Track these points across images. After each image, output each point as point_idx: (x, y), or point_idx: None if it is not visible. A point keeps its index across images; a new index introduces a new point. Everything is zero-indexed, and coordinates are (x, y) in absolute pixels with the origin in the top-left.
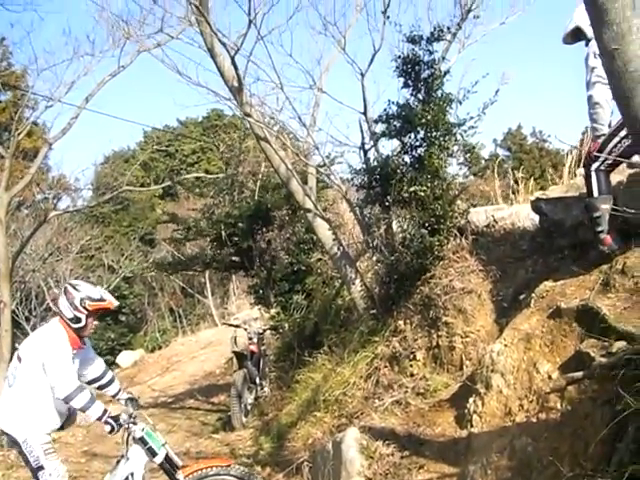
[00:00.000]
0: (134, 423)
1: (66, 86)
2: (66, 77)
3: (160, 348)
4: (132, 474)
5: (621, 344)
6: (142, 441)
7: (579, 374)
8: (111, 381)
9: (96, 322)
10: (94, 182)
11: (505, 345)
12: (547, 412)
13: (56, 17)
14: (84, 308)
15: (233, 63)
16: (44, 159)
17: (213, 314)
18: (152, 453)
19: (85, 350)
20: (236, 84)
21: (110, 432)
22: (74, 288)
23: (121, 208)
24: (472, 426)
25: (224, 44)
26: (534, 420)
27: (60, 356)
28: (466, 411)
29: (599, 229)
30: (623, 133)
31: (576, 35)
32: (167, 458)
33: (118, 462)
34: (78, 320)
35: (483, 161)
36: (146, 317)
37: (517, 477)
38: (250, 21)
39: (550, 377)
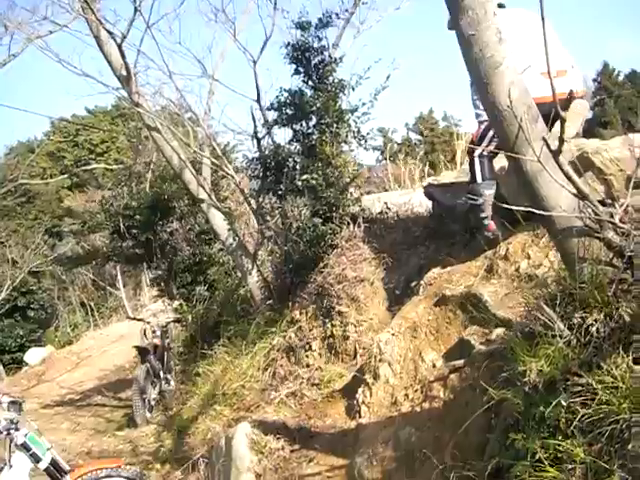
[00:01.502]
0: (16, 429)
1: None
2: None
3: (71, 343)
4: None
5: (500, 331)
6: (25, 447)
7: (460, 362)
8: None
9: None
10: None
11: (393, 334)
12: (431, 401)
13: None
14: None
15: (120, 51)
16: None
17: (126, 306)
18: (36, 459)
19: None
20: (124, 73)
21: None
22: None
23: (26, 201)
24: (360, 417)
25: (110, 32)
26: (418, 410)
27: None
28: (355, 402)
29: (483, 215)
30: None
31: None
32: (53, 462)
33: (0, 470)
34: None
35: (395, 145)
36: (56, 312)
37: (402, 468)
38: (135, 8)
39: (435, 366)
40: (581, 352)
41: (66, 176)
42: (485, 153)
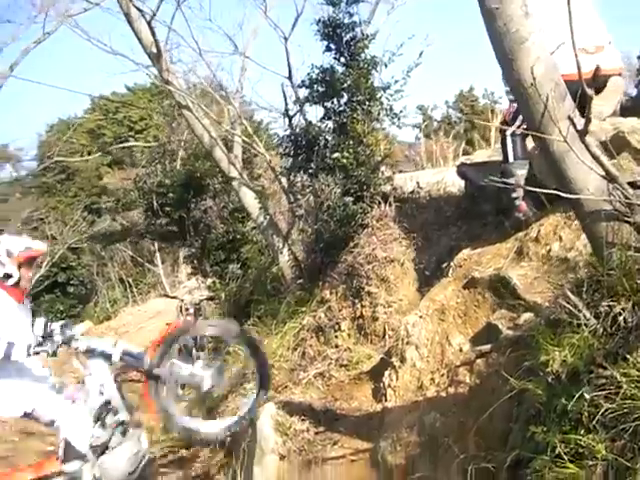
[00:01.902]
0: (74, 339)
1: None
2: None
3: (110, 319)
4: (102, 385)
5: (528, 316)
6: (91, 350)
7: (487, 347)
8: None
9: (31, 272)
10: (38, 151)
11: (420, 317)
12: (456, 386)
13: None
14: (13, 262)
15: (150, 28)
16: None
17: (163, 283)
18: (107, 356)
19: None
20: (155, 50)
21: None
22: None
23: (66, 178)
24: (386, 400)
25: (140, 9)
26: (444, 394)
27: (4, 313)
28: (381, 385)
29: (514, 195)
30: None
31: None
32: (125, 352)
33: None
34: (10, 276)
35: (435, 123)
36: (96, 288)
37: (425, 454)
38: None
39: (461, 350)
40: (607, 342)
41: (100, 154)
42: (518, 132)
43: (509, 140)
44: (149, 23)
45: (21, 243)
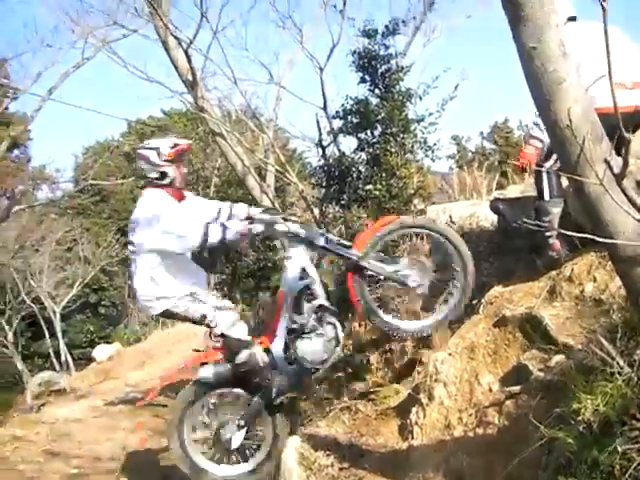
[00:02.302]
0: (278, 222)
1: (32, 78)
2: (32, 69)
3: (139, 341)
4: (303, 270)
5: (559, 358)
6: (295, 235)
7: (517, 388)
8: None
9: (185, 169)
10: (75, 173)
11: (450, 354)
12: (485, 427)
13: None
14: (165, 160)
15: (187, 56)
16: (24, 149)
17: None
18: (310, 242)
19: (189, 201)
20: (190, 78)
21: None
22: (144, 148)
23: (100, 199)
24: (413, 438)
25: (177, 37)
26: (471, 435)
27: (169, 211)
28: (408, 421)
29: (548, 234)
30: None
31: None
32: (328, 240)
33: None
34: (165, 174)
35: (470, 153)
36: (127, 309)
37: None
38: (202, 14)
39: (491, 390)
40: None
41: (132, 179)
42: (555, 167)
43: (545, 177)
44: (186, 51)
45: (167, 142)
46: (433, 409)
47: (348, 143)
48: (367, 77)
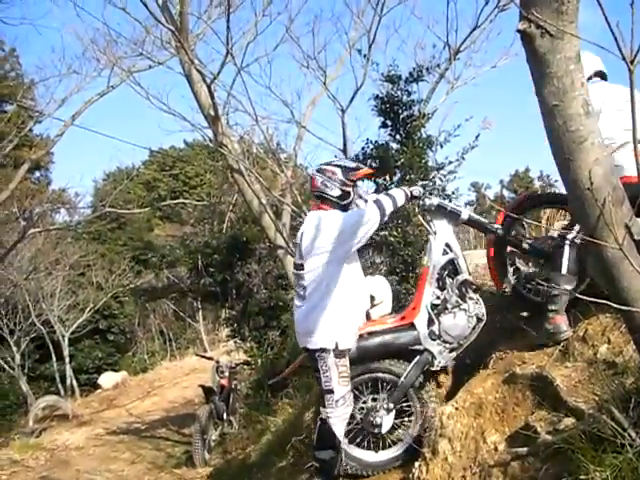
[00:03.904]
0: (427, 196)
1: (57, 102)
2: (57, 94)
3: (146, 370)
4: (447, 244)
5: (569, 422)
6: (441, 208)
7: (524, 450)
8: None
9: (356, 196)
10: (94, 198)
11: (456, 408)
12: None
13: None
14: (350, 180)
15: (210, 92)
16: (45, 171)
17: (203, 339)
18: (455, 216)
19: None
20: (212, 113)
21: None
22: (331, 165)
23: (117, 226)
24: None
25: (201, 72)
26: None
27: (355, 219)
28: (411, 476)
29: (552, 307)
30: None
31: None
32: (474, 215)
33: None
34: (347, 195)
35: (488, 201)
36: (135, 338)
37: None
38: (228, 51)
39: (496, 449)
40: None
41: (148, 209)
42: (578, 240)
43: (567, 248)
44: (209, 86)
45: (352, 162)
46: (437, 464)
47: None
48: (388, 122)
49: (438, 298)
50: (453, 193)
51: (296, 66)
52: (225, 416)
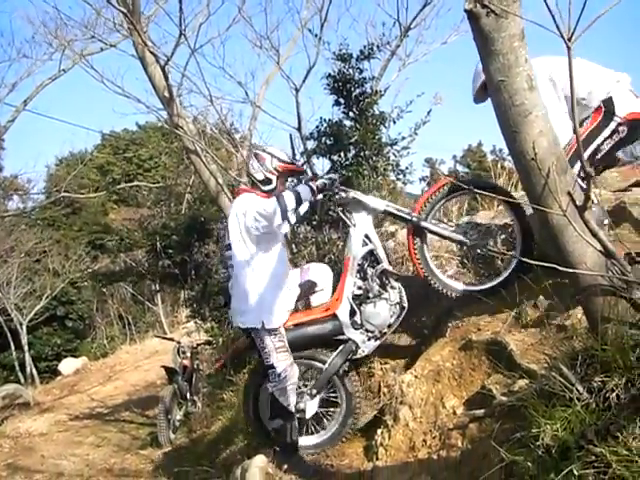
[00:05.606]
0: (344, 190)
1: (7, 87)
2: (7, 79)
3: (106, 355)
4: (367, 236)
5: (523, 383)
6: (357, 202)
7: (480, 412)
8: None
9: (283, 189)
10: (47, 184)
11: (415, 376)
12: (448, 449)
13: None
14: (275, 170)
15: (164, 73)
16: None
17: (163, 322)
18: (372, 208)
19: None
20: (167, 94)
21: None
22: (264, 152)
23: (72, 212)
24: (377, 459)
25: (155, 54)
26: (435, 457)
27: (257, 205)
28: (374, 443)
29: None
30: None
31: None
32: (391, 206)
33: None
34: (269, 181)
35: (442, 176)
36: (94, 323)
37: None
38: (181, 32)
39: (455, 413)
40: (599, 419)
41: (104, 193)
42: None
43: None
44: (163, 68)
45: (286, 156)
46: (398, 431)
47: (321, 165)
48: (341, 100)
49: (360, 288)
50: (407, 168)
51: (249, 46)
52: (189, 396)
